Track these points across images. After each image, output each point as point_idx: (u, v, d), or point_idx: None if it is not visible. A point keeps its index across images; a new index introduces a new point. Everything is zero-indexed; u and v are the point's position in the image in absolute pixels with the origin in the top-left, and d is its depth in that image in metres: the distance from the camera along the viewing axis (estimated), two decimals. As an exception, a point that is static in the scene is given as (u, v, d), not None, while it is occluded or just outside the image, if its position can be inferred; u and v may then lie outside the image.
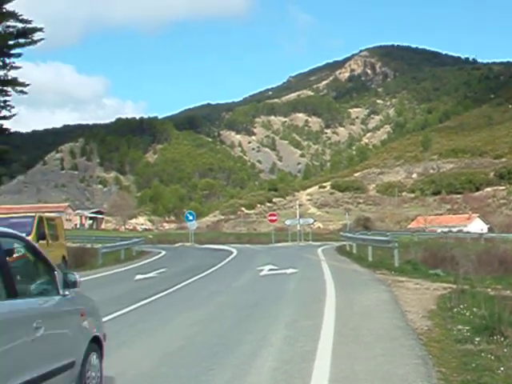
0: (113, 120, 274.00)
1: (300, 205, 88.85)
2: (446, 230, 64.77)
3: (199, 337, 10.19)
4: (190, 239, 55.00)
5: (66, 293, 6.25)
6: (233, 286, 18.17)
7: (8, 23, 34.90)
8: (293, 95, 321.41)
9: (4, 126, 36.28)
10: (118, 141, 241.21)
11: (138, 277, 22.28)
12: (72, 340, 6.16)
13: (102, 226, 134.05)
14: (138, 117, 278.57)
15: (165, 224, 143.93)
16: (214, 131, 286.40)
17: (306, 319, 11.37)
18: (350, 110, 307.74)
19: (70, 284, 6.35)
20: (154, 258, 36.60)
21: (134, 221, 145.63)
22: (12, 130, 38.52)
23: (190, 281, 19.88)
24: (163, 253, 41.25)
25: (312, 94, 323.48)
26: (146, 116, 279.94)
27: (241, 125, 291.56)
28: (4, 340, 4.91)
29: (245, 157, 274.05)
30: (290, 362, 8.12)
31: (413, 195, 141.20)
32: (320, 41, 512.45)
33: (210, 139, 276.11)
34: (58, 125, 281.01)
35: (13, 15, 34.82)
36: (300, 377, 7.40)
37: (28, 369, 5.21)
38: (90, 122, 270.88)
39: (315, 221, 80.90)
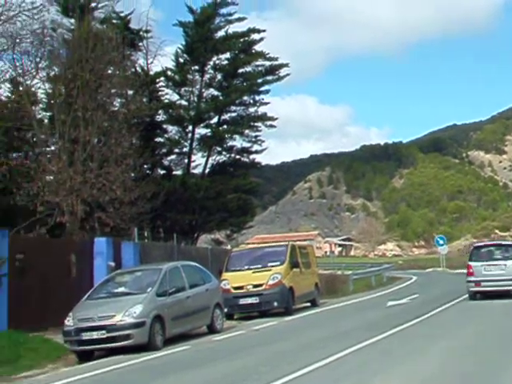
0: (357, 147, 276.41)
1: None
2: None
3: (455, 366, 9.81)
4: (441, 264, 53.58)
5: None
6: (491, 312, 17.34)
7: (256, 63, 36.92)
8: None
9: (256, 160, 38.18)
10: (364, 168, 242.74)
11: (390, 303, 22.11)
12: None
13: (351, 253, 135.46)
14: (382, 143, 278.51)
15: (414, 249, 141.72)
16: (462, 152, 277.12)
17: None
18: None
19: None
20: (405, 283, 36.16)
21: (382, 247, 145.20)
22: (263, 164, 40.40)
23: (443, 307, 19.31)
24: (414, 278, 40.60)
25: None
26: (390, 141, 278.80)
27: (490, 144, 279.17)
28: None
29: (496, 177, 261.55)
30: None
31: None
32: None
33: (457, 160, 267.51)
34: (305, 155, 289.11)
35: (261, 55, 36.73)
36: None
37: None
38: (335, 151, 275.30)
39: None
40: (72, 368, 13.03)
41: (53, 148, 23.72)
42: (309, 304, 23.28)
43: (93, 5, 28.02)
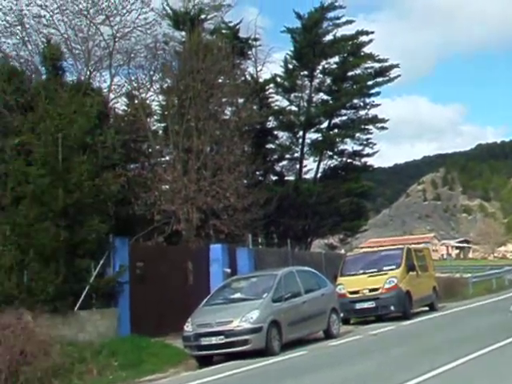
0: (473, 147, 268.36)
1: None
2: None
3: None
4: None
5: None
6: None
7: (366, 65, 36.56)
8: None
9: (368, 163, 37.73)
10: (480, 167, 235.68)
11: (515, 307, 21.28)
12: None
13: (469, 255, 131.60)
14: (499, 141, 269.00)
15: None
16: None
17: None
18: None
19: None
20: (529, 286, 34.74)
21: (502, 248, 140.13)
22: (375, 166, 39.88)
23: None
24: (538, 281, 38.91)
25: None
26: (507, 139, 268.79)
27: None
28: None
29: None
30: None
31: None
32: None
33: None
34: (418, 156, 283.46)
35: (370, 57, 36.35)
36: None
37: None
38: (449, 151, 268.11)
39: None
40: (193, 372, 13.31)
41: (167, 158, 24.37)
42: (427, 308, 22.79)
43: (202, 17, 28.64)
